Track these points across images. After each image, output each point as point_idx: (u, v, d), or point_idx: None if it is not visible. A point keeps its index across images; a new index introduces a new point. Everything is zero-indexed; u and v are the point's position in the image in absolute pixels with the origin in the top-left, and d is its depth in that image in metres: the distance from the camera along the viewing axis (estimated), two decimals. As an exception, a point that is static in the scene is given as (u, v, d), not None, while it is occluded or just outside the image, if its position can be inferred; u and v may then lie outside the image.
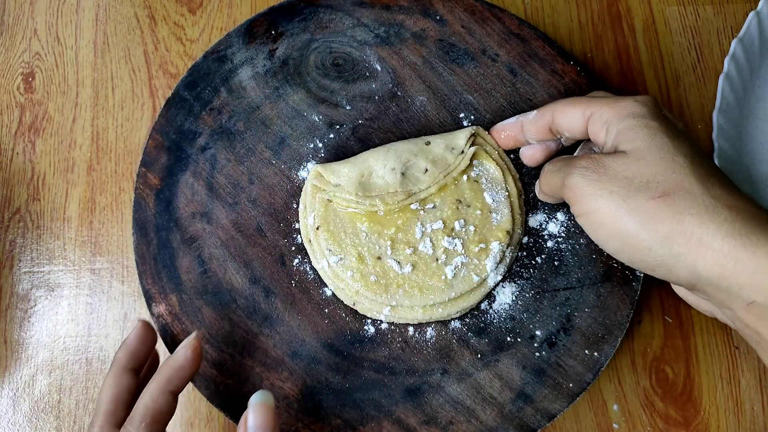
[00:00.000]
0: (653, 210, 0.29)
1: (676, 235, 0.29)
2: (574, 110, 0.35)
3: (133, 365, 0.35)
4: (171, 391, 0.34)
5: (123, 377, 0.34)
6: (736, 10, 0.48)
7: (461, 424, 0.37)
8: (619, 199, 0.30)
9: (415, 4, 0.45)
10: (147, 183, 0.41)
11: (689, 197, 0.29)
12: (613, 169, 0.31)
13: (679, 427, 0.40)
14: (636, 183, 0.30)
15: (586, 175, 0.32)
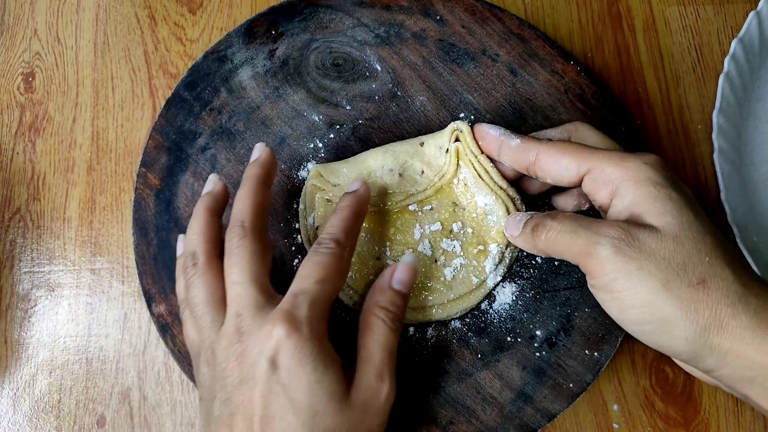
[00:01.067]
0: (693, 298, 0.28)
1: (712, 326, 0.27)
2: (566, 160, 0.33)
3: (219, 211, 0.36)
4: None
5: (261, 190, 0.35)
6: (736, 10, 0.48)
7: (461, 424, 0.37)
8: (658, 284, 0.28)
9: (416, 4, 0.45)
10: (147, 183, 0.41)
11: (723, 285, 0.27)
12: (650, 247, 0.28)
13: (679, 427, 0.40)
14: (674, 266, 0.28)
15: (620, 248, 0.29)
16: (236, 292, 0.32)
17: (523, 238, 0.35)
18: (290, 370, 0.30)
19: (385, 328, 0.33)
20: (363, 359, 0.33)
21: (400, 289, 0.35)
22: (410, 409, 0.37)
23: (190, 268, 0.34)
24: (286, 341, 0.30)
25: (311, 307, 0.31)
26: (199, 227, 0.35)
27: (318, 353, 0.30)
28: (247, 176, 0.35)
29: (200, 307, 0.33)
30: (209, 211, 0.35)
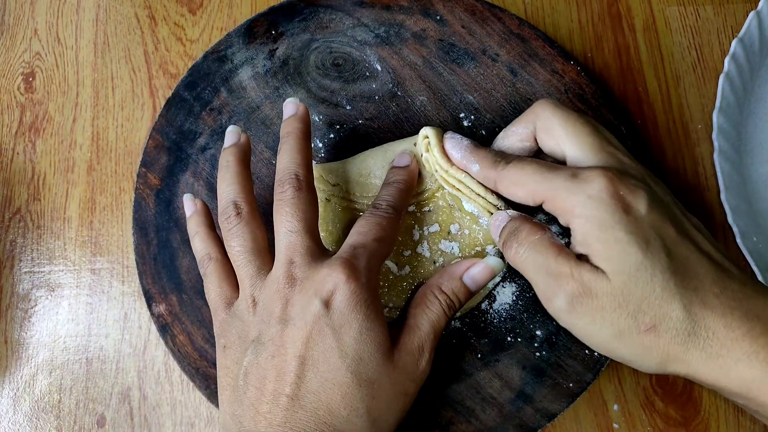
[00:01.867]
0: (645, 344, 0.29)
1: (668, 361, 0.29)
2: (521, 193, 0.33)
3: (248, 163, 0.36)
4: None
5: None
6: (736, 10, 0.48)
7: (461, 424, 0.37)
8: (611, 334, 0.29)
9: (416, 4, 0.45)
10: (147, 183, 0.41)
11: (673, 326, 0.28)
12: (601, 300, 0.29)
13: (679, 427, 0.40)
14: (625, 314, 0.29)
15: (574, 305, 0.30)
16: (290, 240, 0.32)
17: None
18: (344, 313, 0.30)
19: (439, 308, 0.33)
20: (410, 326, 0.33)
21: (469, 285, 0.34)
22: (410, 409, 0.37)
23: (233, 218, 0.34)
24: (344, 285, 0.30)
25: (369, 260, 0.32)
26: (234, 177, 0.35)
27: (372, 303, 0.31)
28: (288, 131, 0.35)
29: (245, 255, 0.33)
30: (242, 162, 0.35)
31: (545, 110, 0.34)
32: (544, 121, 0.34)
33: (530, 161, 0.33)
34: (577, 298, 0.29)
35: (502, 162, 0.34)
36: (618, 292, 0.29)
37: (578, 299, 0.29)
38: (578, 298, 0.29)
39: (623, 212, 0.29)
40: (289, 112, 0.37)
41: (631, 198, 0.30)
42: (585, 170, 0.31)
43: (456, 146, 0.36)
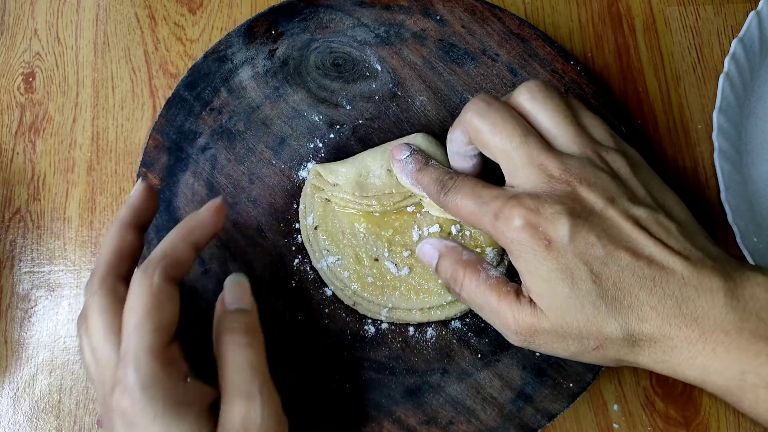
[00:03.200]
0: (598, 357, 0.31)
1: (623, 363, 0.31)
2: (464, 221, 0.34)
3: (136, 222, 0.33)
4: (192, 241, 0.31)
5: (126, 233, 0.32)
6: (736, 10, 0.48)
7: (461, 424, 0.37)
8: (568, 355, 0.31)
9: (415, 4, 0.45)
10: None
11: (616, 343, 0.29)
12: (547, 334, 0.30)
13: (679, 427, 0.40)
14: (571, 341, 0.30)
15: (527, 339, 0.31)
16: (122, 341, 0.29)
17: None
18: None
19: (237, 348, 0.30)
20: (224, 390, 0.30)
21: (238, 307, 0.32)
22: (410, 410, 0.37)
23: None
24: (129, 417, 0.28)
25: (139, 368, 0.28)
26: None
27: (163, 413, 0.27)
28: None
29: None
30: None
31: (472, 117, 0.33)
32: (472, 132, 0.33)
33: (464, 193, 0.33)
34: (526, 337, 0.31)
35: (441, 192, 0.35)
36: (558, 327, 0.30)
37: (528, 338, 0.31)
38: (528, 337, 0.31)
39: (545, 250, 0.29)
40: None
41: (553, 230, 0.29)
42: (505, 207, 0.31)
43: (402, 171, 0.37)
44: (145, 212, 0.34)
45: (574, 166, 0.31)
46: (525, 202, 0.30)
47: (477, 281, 0.32)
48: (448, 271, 0.34)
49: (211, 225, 0.32)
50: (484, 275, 0.33)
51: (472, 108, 0.33)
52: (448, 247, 0.35)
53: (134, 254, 0.33)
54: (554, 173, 0.31)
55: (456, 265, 0.34)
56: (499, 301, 0.31)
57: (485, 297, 0.32)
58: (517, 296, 0.31)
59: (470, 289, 0.33)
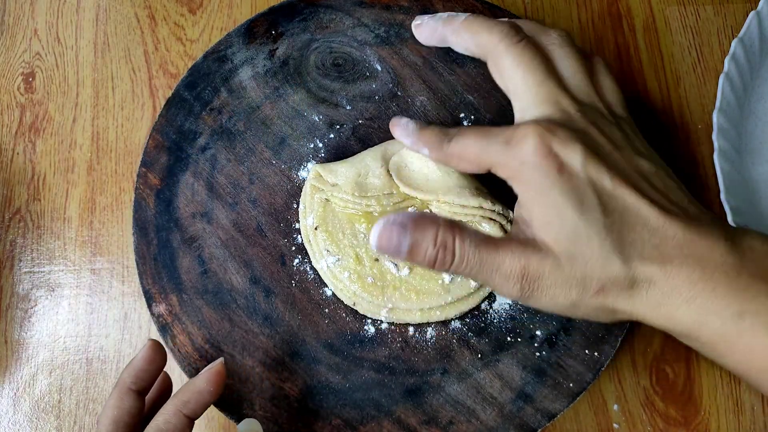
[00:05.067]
0: (596, 305, 0.29)
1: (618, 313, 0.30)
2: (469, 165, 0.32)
3: (138, 387, 0.33)
4: (186, 414, 0.32)
5: (126, 399, 0.32)
6: (736, 10, 0.48)
7: (461, 423, 0.37)
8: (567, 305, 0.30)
9: (416, 4, 0.45)
10: (147, 183, 0.41)
11: (616, 284, 0.29)
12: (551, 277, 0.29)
13: (679, 427, 0.40)
14: (575, 284, 0.29)
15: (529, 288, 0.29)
16: None
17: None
18: None
19: None
20: None
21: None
22: (410, 409, 0.37)
23: None
24: None
25: None
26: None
27: None
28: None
29: None
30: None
31: (497, 48, 0.32)
32: (495, 59, 0.33)
33: (469, 132, 0.32)
34: (529, 283, 0.29)
35: (445, 140, 0.33)
36: (564, 264, 0.29)
37: (531, 283, 0.29)
38: (531, 283, 0.29)
39: (557, 172, 0.29)
40: None
41: (565, 154, 0.29)
42: (518, 130, 0.30)
43: (404, 133, 0.35)
44: (148, 374, 0.33)
45: (589, 111, 0.31)
46: (539, 124, 0.30)
47: (471, 239, 0.29)
48: (432, 243, 0.29)
49: (207, 395, 0.32)
50: (474, 232, 0.30)
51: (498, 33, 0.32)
52: (416, 218, 0.30)
53: (134, 420, 0.32)
54: (570, 111, 0.31)
55: (441, 231, 0.29)
56: (497, 250, 0.29)
57: (483, 253, 0.29)
58: (512, 241, 0.30)
59: (466, 249, 0.29)
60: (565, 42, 0.33)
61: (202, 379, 0.33)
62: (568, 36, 0.34)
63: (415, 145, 0.35)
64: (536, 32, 0.34)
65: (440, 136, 0.33)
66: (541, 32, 0.34)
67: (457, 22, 0.34)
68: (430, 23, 0.35)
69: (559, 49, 0.33)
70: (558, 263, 0.29)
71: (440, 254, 0.29)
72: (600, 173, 0.29)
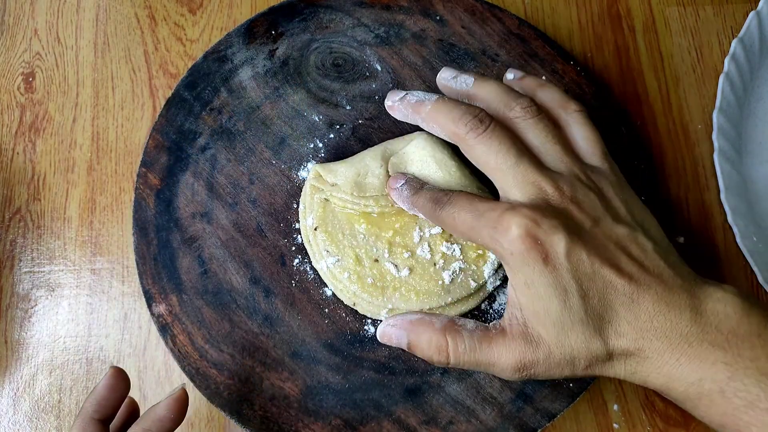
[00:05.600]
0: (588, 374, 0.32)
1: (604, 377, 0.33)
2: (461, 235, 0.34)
3: (101, 416, 0.33)
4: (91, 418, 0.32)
5: (89, 428, 0.32)
6: (736, 10, 0.48)
7: (461, 423, 0.37)
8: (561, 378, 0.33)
9: (415, 4, 0.45)
10: (147, 183, 0.41)
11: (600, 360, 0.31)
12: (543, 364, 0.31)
13: (679, 427, 0.40)
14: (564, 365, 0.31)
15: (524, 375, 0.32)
16: None
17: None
18: None
19: None
20: None
21: None
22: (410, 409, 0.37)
23: None
24: None
25: None
26: None
27: None
28: None
29: None
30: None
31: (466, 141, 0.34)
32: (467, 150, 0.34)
33: (459, 203, 0.34)
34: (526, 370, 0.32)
35: (436, 208, 0.35)
36: (554, 350, 0.31)
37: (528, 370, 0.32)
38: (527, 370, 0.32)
39: (543, 263, 0.31)
40: None
41: (549, 243, 0.31)
42: (504, 218, 0.31)
43: (399, 198, 0.38)
44: (111, 402, 0.33)
45: (565, 185, 0.33)
46: (523, 211, 0.31)
47: (464, 342, 0.32)
48: (427, 346, 0.33)
49: (168, 423, 0.32)
50: (467, 332, 0.33)
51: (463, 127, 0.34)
52: (414, 321, 0.34)
53: None
54: (548, 190, 0.32)
55: (435, 336, 0.33)
56: (491, 347, 0.32)
57: (478, 352, 0.32)
58: (505, 334, 0.32)
59: (460, 352, 0.32)
60: (527, 111, 0.35)
61: (162, 407, 0.33)
62: (529, 103, 0.35)
63: (410, 210, 0.38)
64: (500, 106, 0.35)
65: (432, 203, 0.36)
66: (505, 106, 0.35)
67: (425, 110, 0.35)
68: (400, 108, 0.37)
69: (524, 122, 0.35)
70: (549, 351, 0.31)
71: (435, 357, 0.33)
72: (581, 258, 0.31)
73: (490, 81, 0.36)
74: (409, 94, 0.36)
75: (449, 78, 0.37)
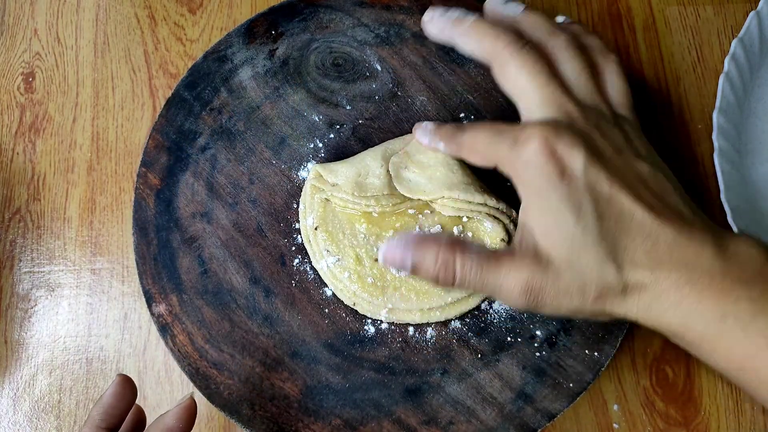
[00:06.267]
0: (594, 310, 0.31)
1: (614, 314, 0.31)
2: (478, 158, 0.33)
3: (108, 424, 0.32)
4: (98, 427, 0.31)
5: None
6: (736, 10, 0.48)
7: (461, 424, 0.37)
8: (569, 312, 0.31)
9: (415, 4, 0.45)
10: (147, 183, 0.41)
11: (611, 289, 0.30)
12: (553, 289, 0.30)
13: (679, 427, 0.40)
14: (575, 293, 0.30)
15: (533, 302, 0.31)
16: None
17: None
18: None
19: None
20: None
21: None
22: (410, 410, 0.37)
23: None
24: None
25: None
26: None
27: None
28: None
29: None
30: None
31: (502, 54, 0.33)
32: (500, 64, 0.33)
33: (482, 128, 0.33)
34: (534, 295, 0.30)
35: (458, 132, 0.35)
36: (563, 273, 0.30)
37: (535, 295, 0.30)
38: (535, 295, 0.30)
39: (558, 177, 0.30)
40: None
41: (568, 157, 0.30)
42: (525, 130, 0.31)
43: (423, 133, 0.37)
44: (118, 411, 0.33)
45: (591, 114, 0.32)
46: (545, 126, 0.30)
47: (471, 259, 0.31)
48: (433, 263, 0.31)
49: (178, 431, 0.32)
50: (475, 248, 0.31)
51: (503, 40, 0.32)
52: (419, 238, 0.31)
53: None
54: (573, 114, 0.31)
55: (441, 251, 0.31)
56: (499, 267, 0.30)
57: (486, 270, 0.30)
58: (514, 254, 0.31)
59: (467, 269, 0.30)
60: (570, 44, 0.34)
61: (171, 416, 0.32)
62: (573, 39, 0.34)
63: (432, 142, 0.36)
64: (543, 34, 0.34)
65: (454, 130, 0.35)
66: (548, 35, 0.34)
67: (465, 25, 0.34)
68: (440, 21, 0.35)
69: (564, 52, 0.33)
70: (558, 273, 0.30)
71: (442, 273, 0.31)
72: (599, 178, 0.30)
73: (539, 13, 0.35)
74: (450, 10, 0.35)
75: (499, 2, 0.35)
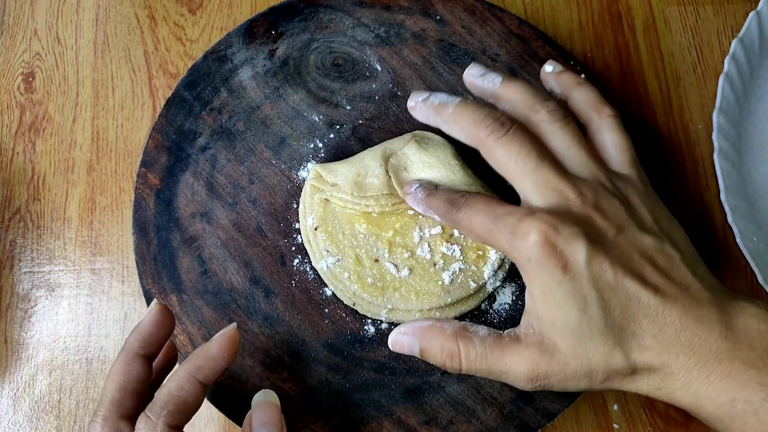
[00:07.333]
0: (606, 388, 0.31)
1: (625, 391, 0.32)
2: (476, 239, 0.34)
3: (145, 351, 0.31)
4: (200, 380, 0.30)
5: (134, 364, 0.31)
6: (736, 10, 0.48)
7: (461, 424, 0.37)
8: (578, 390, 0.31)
9: (415, 4, 0.45)
10: (147, 183, 0.41)
11: (619, 373, 0.30)
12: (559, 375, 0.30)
13: (679, 427, 0.40)
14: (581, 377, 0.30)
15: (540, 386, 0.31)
16: None
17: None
18: None
19: None
20: None
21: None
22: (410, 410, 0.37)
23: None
24: None
25: None
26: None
27: None
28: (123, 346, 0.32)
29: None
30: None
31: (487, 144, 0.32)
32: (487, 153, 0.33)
33: (476, 205, 0.33)
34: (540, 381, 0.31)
35: (453, 210, 0.34)
36: (570, 361, 0.30)
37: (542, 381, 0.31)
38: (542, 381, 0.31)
39: (561, 272, 0.29)
40: None
41: (569, 251, 0.29)
42: (523, 224, 0.30)
43: (414, 201, 0.37)
44: (157, 339, 0.32)
45: (588, 191, 0.31)
46: (543, 218, 0.30)
47: (475, 349, 0.31)
48: (439, 352, 0.32)
49: (221, 361, 0.31)
50: (478, 339, 0.31)
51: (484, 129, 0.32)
52: (425, 328, 0.32)
53: (141, 387, 0.31)
54: (570, 196, 0.31)
55: (446, 342, 0.32)
56: (504, 355, 0.31)
57: (490, 359, 0.31)
58: (519, 342, 0.31)
59: (472, 358, 0.31)
60: (554, 117, 0.33)
61: (215, 344, 0.31)
62: (556, 109, 0.33)
63: (425, 212, 0.37)
64: (525, 110, 0.34)
65: (448, 204, 0.35)
66: (530, 111, 0.33)
67: (447, 112, 0.34)
68: (423, 109, 0.35)
69: (549, 126, 0.33)
70: (566, 361, 0.30)
71: (448, 362, 0.32)
72: (602, 267, 0.29)
73: (517, 81, 0.34)
74: (432, 96, 0.35)
75: (477, 75, 0.35)
